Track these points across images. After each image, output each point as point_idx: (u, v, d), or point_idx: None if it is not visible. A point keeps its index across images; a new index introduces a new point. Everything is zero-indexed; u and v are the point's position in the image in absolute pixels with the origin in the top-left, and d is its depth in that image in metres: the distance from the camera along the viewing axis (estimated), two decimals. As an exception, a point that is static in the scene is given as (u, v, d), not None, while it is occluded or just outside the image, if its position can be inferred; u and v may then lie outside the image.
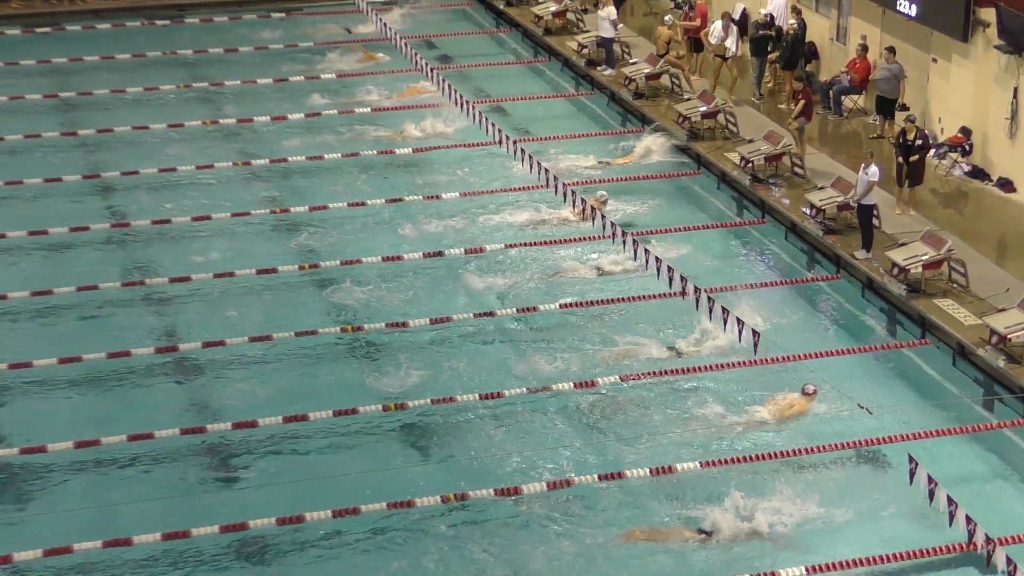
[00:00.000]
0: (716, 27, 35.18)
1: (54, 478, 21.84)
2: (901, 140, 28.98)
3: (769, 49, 34.89)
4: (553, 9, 40.78)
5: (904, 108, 32.14)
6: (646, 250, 26.27)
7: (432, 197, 31.12)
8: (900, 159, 28.83)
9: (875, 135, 32.57)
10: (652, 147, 33.05)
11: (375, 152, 33.44)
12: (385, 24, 37.40)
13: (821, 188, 29.53)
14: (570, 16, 40.84)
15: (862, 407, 23.45)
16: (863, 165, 27.64)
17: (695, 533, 20.50)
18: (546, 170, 29.41)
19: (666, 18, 36.91)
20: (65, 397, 23.99)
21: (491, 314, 26.35)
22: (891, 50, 32.28)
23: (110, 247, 29.05)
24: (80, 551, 19.97)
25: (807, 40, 35.05)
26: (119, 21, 42.14)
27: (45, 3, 42.70)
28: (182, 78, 37.98)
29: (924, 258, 26.30)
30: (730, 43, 34.90)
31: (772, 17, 35.34)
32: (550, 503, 21.20)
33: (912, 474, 20.55)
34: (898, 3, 31.96)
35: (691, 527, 20.59)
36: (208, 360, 24.98)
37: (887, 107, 32.42)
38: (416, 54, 35.51)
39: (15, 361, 24.64)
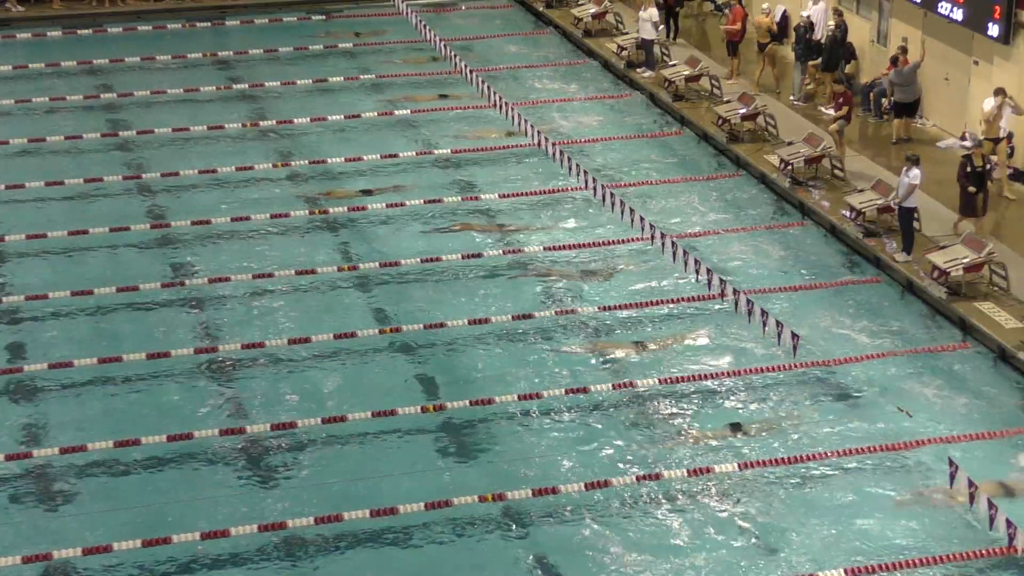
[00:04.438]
0: (989, 104, 29.97)
1: (94, 477, 21.94)
2: (969, 168, 27.50)
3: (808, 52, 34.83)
4: (592, 11, 40.78)
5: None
6: (685, 251, 26.22)
7: (471, 198, 31.15)
8: (972, 188, 27.27)
9: (895, 140, 32.49)
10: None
11: (414, 153, 33.48)
12: (425, 26, 37.45)
13: (861, 191, 29.43)
14: (609, 18, 40.83)
15: (902, 410, 23.43)
16: (905, 168, 27.51)
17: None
18: (585, 172, 29.38)
19: (764, 6, 36.61)
20: (105, 397, 24.09)
21: (530, 316, 26.35)
22: (904, 50, 32.36)
23: (150, 247, 29.16)
24: (119, 550, 20.06)
25: (847, 42, 34.94)
26: (160, 23, 42.31)
27: (85, 4, 42.89)
28: (222, 79, 38.12)
29: (965, 261, 26.18)
30: (1005, 123, 29.91)
31: (811, 22, 35.20)
32: (588, 503, 21.20)
33: (952, 477, 20.49)
34: (939, 5, 31.84)
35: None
36: (247, 361, 25.05)
37: (905, 109, 32.37)
38: (456, 56, 35.54)
39: (55, 361, 24.78)
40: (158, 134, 34.51)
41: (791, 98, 35.11)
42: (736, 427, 23.15)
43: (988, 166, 27.75)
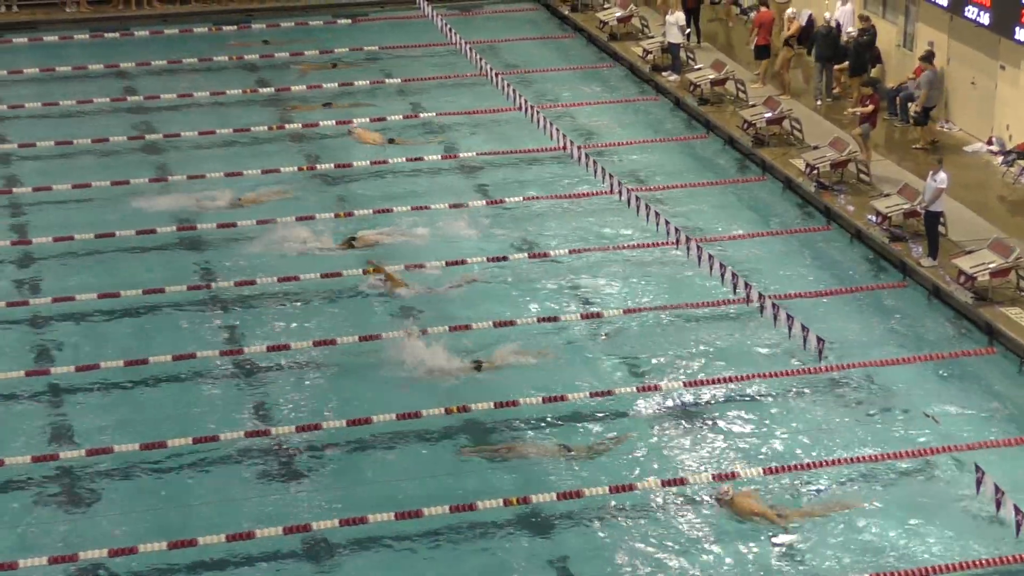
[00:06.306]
0: None
1: (120, 479, 22.00)
2: None
3: (830, 54, 34.82)
4: (618, 15, 40.78)
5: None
6: (711, 256, 26.18)
7: (495, 202, 31.17)
8: None
9: (917, 145, 32.38)
10: None
11: (439, 157, 33.52)
12: (451, 29, 37.46)
13: (887, 195, 29.37)
14: (634, 22, 40.82)
15: (928, 415, 23.36)
16: (931, 172, 27.46)
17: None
18: (611, 175, 29.34)
19: (789, 11, 36.69)
20: (131, 399, 24.15)
21: (555, 319, 26.35)
22: (925, 58, 32.31)
23: (177, 250, 29.24)
24: (145, 552, 20.12)
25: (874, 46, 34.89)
26: (186, 26, 42.42)
27: (112, 7, 43.06)
28: (249, 83, 38.20)
29: (991, 266, 26.10)
30: None
31: (839, 25, 35.19)
32: (612, 507, 21.19)
33: (979, 483, 20.41)
34: (965, 9, 31.74)
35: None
36: (273, 363, 25.10)
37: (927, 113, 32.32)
38: (481, 59, 35.55)
39: (82, 363, 24.86)
40: (184, 137, 34.61)
41: (817, 102, 35.04)
42: (760, 432, 23.11)
43: None
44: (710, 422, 23.42)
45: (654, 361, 25.12)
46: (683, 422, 23.42)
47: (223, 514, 21.11)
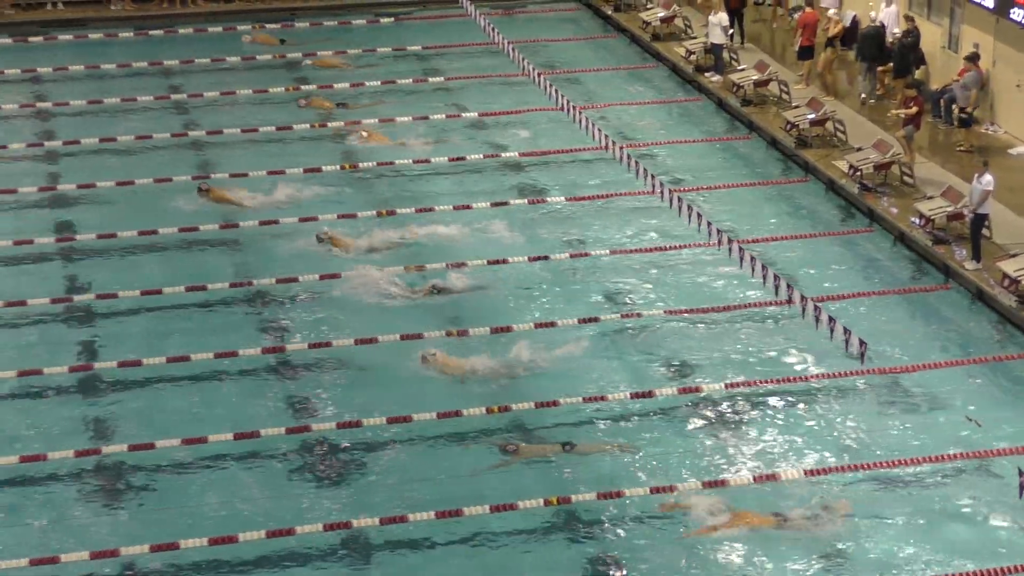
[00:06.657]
0: None
1: (161, 475, 22.10)
2: None
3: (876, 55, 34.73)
4: (661, 15, 40.73)
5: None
6: (752, 257, 26.13)
7: (537, 201, 31.18)
8: None
9: (961, 148, 32.20)
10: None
11: (482, 156, 33.55)
12: (493, 29, 37.49)
13: (930, 197, 29.24)
14: (677, 22, 40.77)
15: (971, 419, 23.24)
16: (977, 174, 27.32)
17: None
18: (652, 176, 29.32)
19: (830, 12, 36.66)
20: (173, 395, 24.26)
21: (595, 319, 26.33)
22: (970, 58, 32.18)
23: (219, 247, 29.36)
24: (187, 548, 20.20)
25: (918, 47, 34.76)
26: (230, 24, 42.59)
27: (156, 5, 43.28)
28: (291, 81, 38.30)
29: (1036, 269, 26.00)
30: None
31: (883, 25, 35.08)
32: (653, 507, 21.16)
33: (1022, 488, 20.31)
34: (1011, 11, 31.57)
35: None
36: (314, 361, 25.16)
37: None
38: (523, 59, 35.56)
39: (125, 359, 24.98)
40: (227, 134, 34.75)
41: (861, 102, 34.91)
42: (801, 434, 23.04)
43: None
44: (751, 424, 23.36)
45: (694, 362, 25.07)
46: (723, 424, 23.36)
47: (264, 510, 21.18)
